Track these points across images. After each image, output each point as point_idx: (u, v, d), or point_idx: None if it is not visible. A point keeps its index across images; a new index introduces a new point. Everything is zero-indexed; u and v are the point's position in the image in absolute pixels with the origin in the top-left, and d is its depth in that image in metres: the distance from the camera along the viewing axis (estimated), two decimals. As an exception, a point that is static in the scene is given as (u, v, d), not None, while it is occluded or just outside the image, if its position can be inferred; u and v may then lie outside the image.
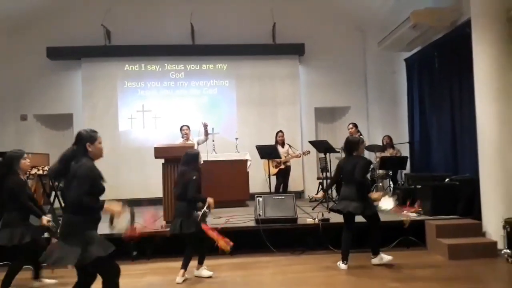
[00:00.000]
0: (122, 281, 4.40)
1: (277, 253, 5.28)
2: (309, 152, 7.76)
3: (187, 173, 4.34)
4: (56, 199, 6.33)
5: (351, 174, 4.61)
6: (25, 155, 4.31)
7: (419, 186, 6.34)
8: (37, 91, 9.35)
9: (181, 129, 7.34)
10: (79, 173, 2.79)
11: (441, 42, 7.16)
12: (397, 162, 7.65)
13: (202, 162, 5.10)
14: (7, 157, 4.24)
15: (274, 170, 7.72)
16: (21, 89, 9.31)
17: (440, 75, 7.28)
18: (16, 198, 4.09)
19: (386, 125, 9.14)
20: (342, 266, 4.65)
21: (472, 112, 5.69)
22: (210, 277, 4.48)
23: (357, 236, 4.81)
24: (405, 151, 8.40)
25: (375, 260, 4.73)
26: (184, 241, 4.42)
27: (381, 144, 8.35)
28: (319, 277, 4.42)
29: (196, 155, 4.55)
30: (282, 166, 7.77)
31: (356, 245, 4.84)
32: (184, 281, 4.34)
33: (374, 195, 4.68)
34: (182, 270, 4.35)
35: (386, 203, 4.52)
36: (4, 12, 8.49)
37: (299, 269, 4.75)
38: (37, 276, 4.43)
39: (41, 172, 6.24)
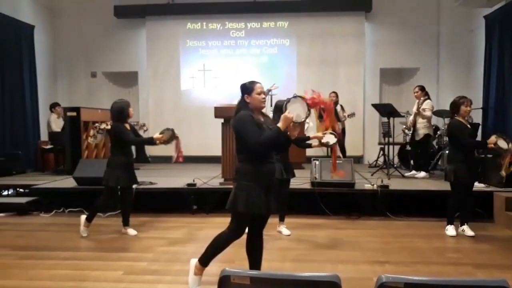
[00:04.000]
0: (182, 231, 4.66)
1: (332, 216, 5.26)
2: (354, 114, 7.43)
3: None
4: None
5: None
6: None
7: (490, 156, 5.89)
8: (106, 49, 9.76)
9: None
10: (232, 126, 2.97)
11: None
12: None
13: None
14: (120, 106, 4.52)
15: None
16: (91, 47, 9.76)
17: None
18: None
19: (457, 89, 8.42)
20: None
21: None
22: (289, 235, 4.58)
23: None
24: (477, 117, 7.79)
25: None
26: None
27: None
28: (375, 242, 4.34)
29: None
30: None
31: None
32: None
33: None
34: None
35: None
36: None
37: (354, 233, 4.70)
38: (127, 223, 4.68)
39: (109, 127, 6.54)
